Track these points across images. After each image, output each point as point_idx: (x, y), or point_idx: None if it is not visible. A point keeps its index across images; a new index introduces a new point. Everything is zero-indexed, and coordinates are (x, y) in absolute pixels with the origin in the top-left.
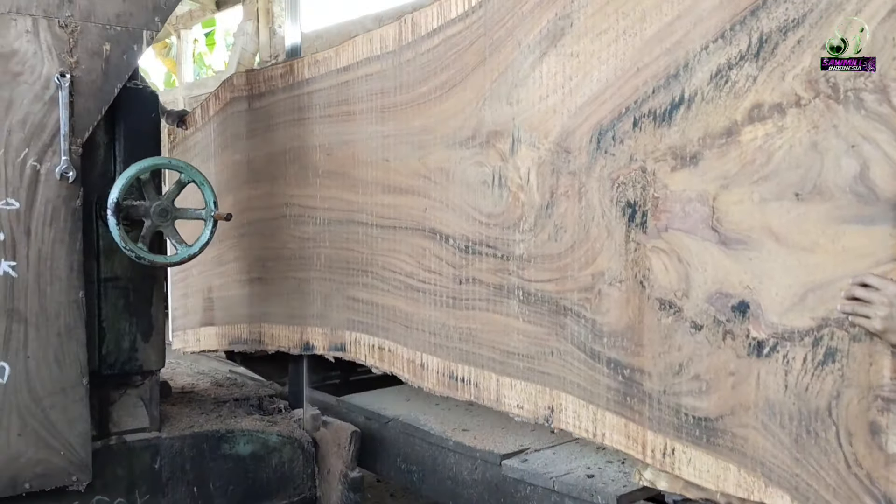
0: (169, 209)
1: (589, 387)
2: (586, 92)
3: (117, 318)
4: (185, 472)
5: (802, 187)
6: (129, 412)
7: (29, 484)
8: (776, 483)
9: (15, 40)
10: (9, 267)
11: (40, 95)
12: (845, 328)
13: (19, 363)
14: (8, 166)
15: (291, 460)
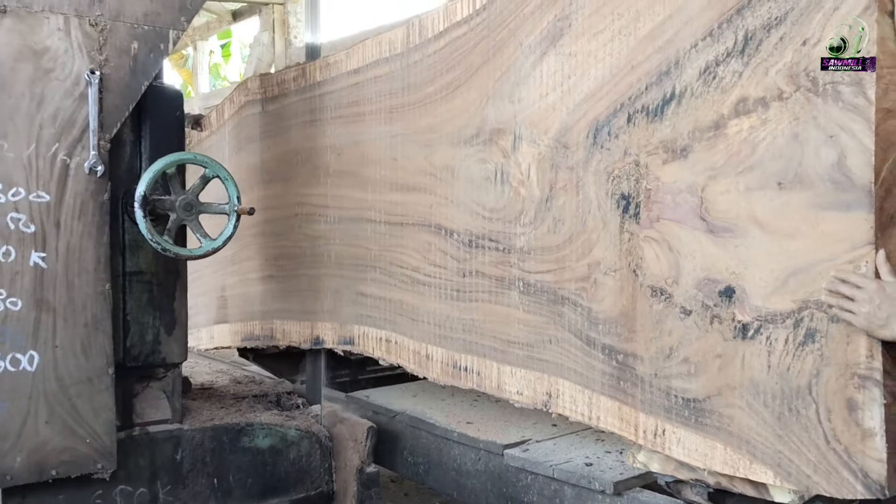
0: (194, 203)
1: (585, 372)
2: (584, 89)
3: (141, 311)
4: (206, 463)
5: (785, 176)
6: (152, 404)
7: (55, 471)
8: (760, 460)
9: (47, 38)
10: (39, 258)
11: (71, 91)
12: (824, 310)
13: (48, 352)
14: (39, 160)
15: (309, 454)
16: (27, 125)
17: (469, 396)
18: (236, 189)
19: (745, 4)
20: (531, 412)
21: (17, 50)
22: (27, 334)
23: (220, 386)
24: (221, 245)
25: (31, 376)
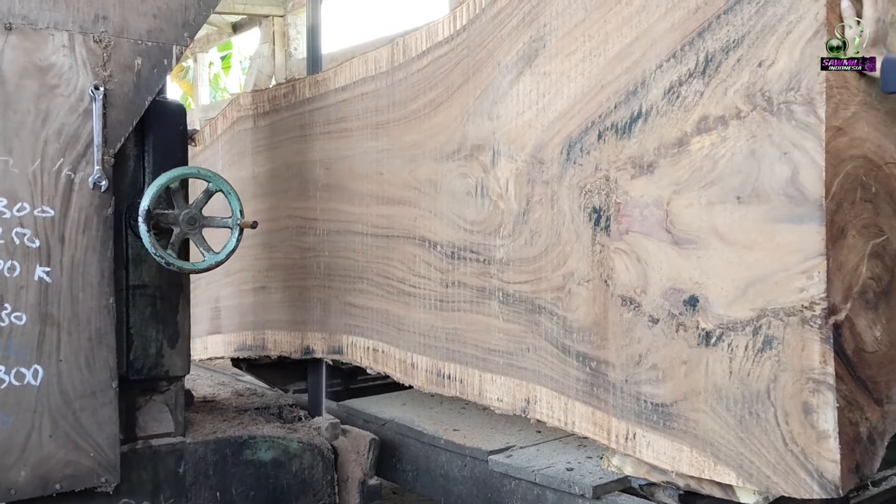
0: (197, 217)
1: (560, 379)
2: (557, 108)
3: (144, 324)
4: (209, 476)
5: (743, 191)
6: (155, 417)
7: (59, 485)
8: (723, 461)
9: (52, 54)
10: (43, 273)
11: (75, 107)
12: (780, 318)
13: (52, 366)
14: (44, 175)
15: (311, 467)
16: (32, 141)
17: (457, 405)
18: (239, 203)
19: (705, 27)
20: (517, 420)
21: (22, 66)
22: (31, 348)
23: (222, 398)
24: (225, 258)
25: (36, 390)
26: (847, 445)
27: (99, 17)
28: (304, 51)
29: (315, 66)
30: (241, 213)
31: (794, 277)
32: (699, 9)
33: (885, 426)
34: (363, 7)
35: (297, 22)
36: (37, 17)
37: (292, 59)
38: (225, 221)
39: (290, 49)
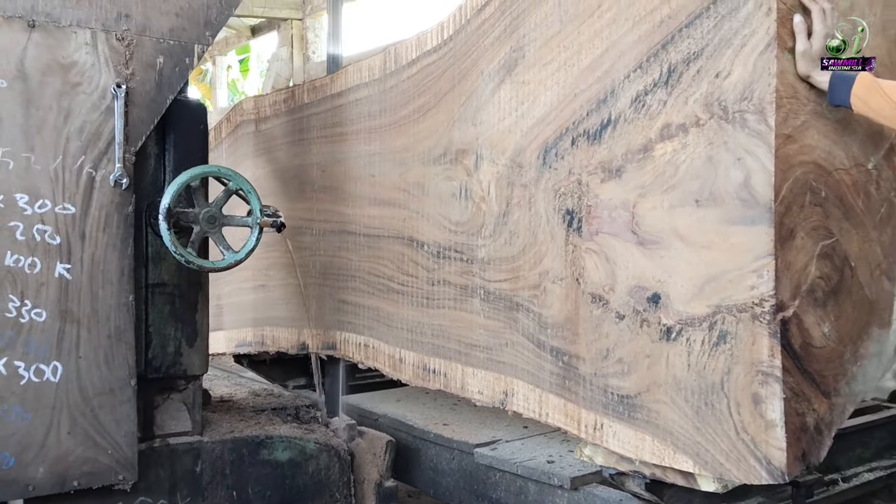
0: (217, 216)
1: (536, 372)
2: (535, 114)
3: (163, 323)
4: (225, 476)
5: (701, 194)
6: (173, 416)
7: (77, 482)
8: (682, 450)
9: (75, 52)
10: (64, 269)
11: (97, 105)
12: (733, 314)
13: (71, 363)
14: (65, 172)
15: (328, 468)
16: (54, 138)
17: (450, 401)
18: (259, 202)
19: (668, 40)
20: (507, 415)
21: (45, 64)
22: (51, 345)
23: (239, 398)
24: (244, 257)
25: (55, 387)
26: (793, 434)
27: (122, 15)
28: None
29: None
30: (261, 213)
31: (746, 276)
32: (663, 22)
33: (832, 417)
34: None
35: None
36: (60, 15)
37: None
38: (245, 220)
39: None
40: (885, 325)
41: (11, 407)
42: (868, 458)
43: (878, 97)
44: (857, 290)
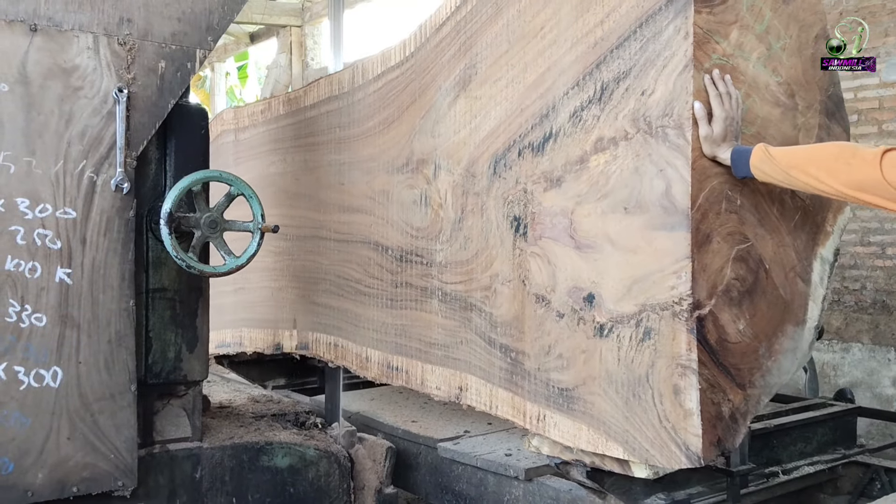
0: (218, 221)
1: (487, 368)
2: (486, 127)
3: (164, 328)
4: (225, 482)
5: (629, 202)
6: (172, 422)
7: (76, 487)
8: (613, 438)
9: (76, 56)
10: (64, 274)
11: (99, 109)
12: (656, 311)
13: (71, 368)
14: (67, 177)
15: (328, 474)
16: (55, 142)
17: (421, 400)
18: (261, 207)
19: (601, 60)
20: (473, 412)
21: (46, 68)
22: (51, 350)
23: (239, 404)
24: (245, 262)
25: (55, 392)
26: (709, 422)
27: (123, 19)
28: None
29: None
30: (263, 218)
31: (667, 277)
32: (597, 44)
33: (747, 407)
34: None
35: (314, 32)
36: (62, 19)
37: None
38: (246, 225)
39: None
40: (800, 323)
41: (11, 412)
42: (810, 452)
43: (770, 165)
44: (772, 290)
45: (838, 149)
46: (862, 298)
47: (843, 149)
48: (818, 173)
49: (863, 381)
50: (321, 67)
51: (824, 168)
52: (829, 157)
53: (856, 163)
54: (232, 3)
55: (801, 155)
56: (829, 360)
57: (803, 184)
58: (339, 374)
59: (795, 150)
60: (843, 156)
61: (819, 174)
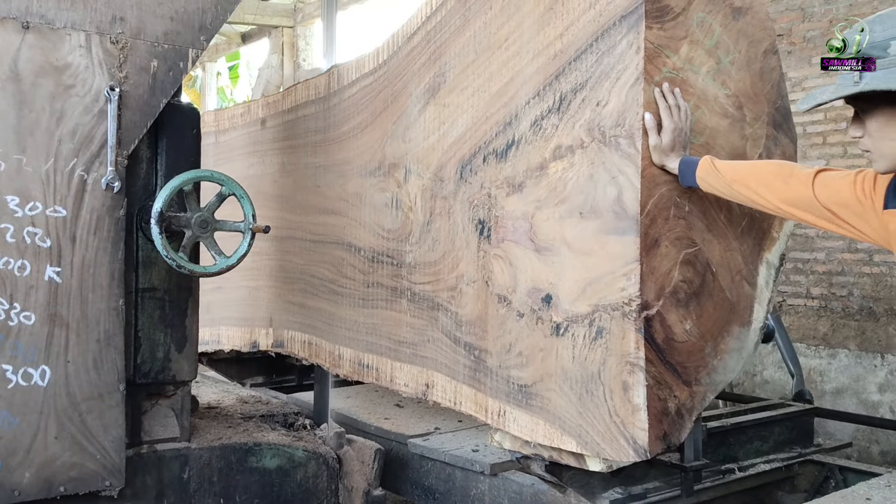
0: (209, 220)
1: (452, 366)
2: (454, 134)
3: (153, 328)
4: (213, 483)
5: (584, 208)
6: (160, 422)
7: (63, 487)
8: (567, 432)
9: (68, 54)
10: (54, 273)
11: (90, 108)
12: (608, 312)
13: (59, 367)
14: (57, 175)
15: (316, 476)
16: (46, 140)
17: (396, 398)
18: (252, 207)
19: (560, 72)
20: (447, 410)
21: (38, 66)
22: (40, 349)
23: (227, 405)
24: (236, 262)
25: (43, 391)
26: (655, 417)
27: (116, 18)
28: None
29: None
30: (254, 218)
31: (618, 279)
32: (556, 56)
33: (693, 404)
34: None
35: (306, 33)
36: (54, 17)
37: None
38: (237, 225)
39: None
40: (746, 323)
41: None
42: (766, 450)
43: (715, 177)
44: (719, 292)
45: (778, 167)
46: (849, 305)
47: (783, 167)
48: (758, 188)
49: (849, 386)
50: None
51: (764, 184)
52: (768, 174)
53: (792, 182)
54: (225, 3)
55: (743, 170)
56: (815, 365)
57: (744, 197)
58: (328, 377)
59: (739, 165)
60: (782, 174)
61: (759, 189)
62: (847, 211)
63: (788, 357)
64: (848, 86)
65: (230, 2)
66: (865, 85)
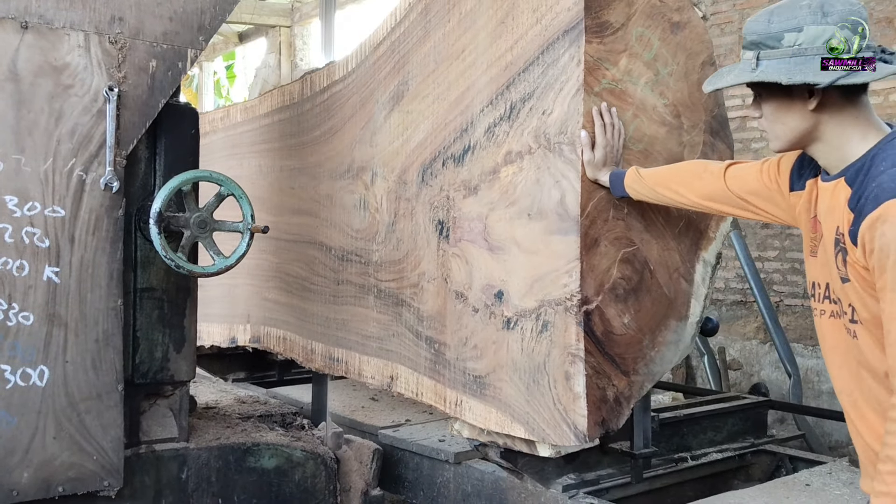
0: (208, 221)
1: (414, 358)
2: (416, 139)
3: (151, 328)
4: (211, 483)
5: (532, 209)
6: (159, 422)
7: (62, 487)
8: (517, 419)
9: (67, 54)
10: (52, 273)
11: (89, 108)
12: (552, 307)
13: (58, 367)
14: (56, 175)
15: (314, 476)
16: (45, 140)
17: (372, 392)
18: (251, 207)
19: (511, 82)
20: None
21: (37, 66)
22: (38, 349)
23: (225, 405)
24: (234, 263)
25: (41, 391)
26: (594, 405)
27: (115, 18)
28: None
29: None
30: (253, 218)
31: (561, 276)
32: (507, 67)
33: (631, 392)
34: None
35: (303, 33)
36: (53, 17)
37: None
38: (236, 226)
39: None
40: (683, 318)
41: None
42: (720, 441)
43: (640, 184)
44: (656, 289)
45: (693, 165)
46: None
47: (697, 165)
48: (678, 188)
49: None
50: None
51: (682, 184)
52: (685, 173)
53: (706, 177)
54: (224, 3)
55: (664, 173)
56: (812, 365)
57: (668, 199)
58: (326, 378)
59: (661, 170)
60: (696, 171)
61: (679, 189)
62: (757, 198)
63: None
64: (746, 72)
65: (229, 2)
66: (760, 73)
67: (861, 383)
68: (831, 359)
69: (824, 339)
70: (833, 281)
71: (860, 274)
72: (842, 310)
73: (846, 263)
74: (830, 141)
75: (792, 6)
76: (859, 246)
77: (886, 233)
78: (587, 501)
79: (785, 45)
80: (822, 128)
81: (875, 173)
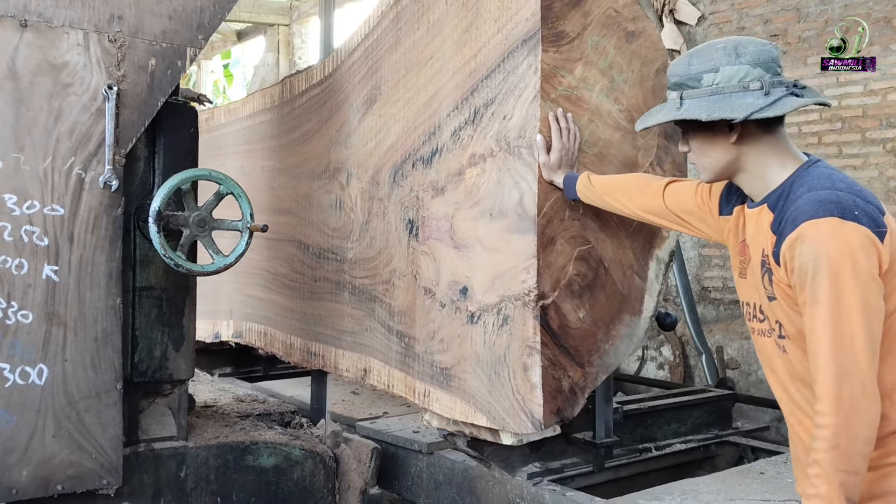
0: (207, 219)
1: (386, 352)
2: (388, 141)
3: (150, 327)
4: (210, 482)
5: (493, 210)
6: (158, 420)
7: (61, 486)
8: (479, 409)
9: (66, 53)
10: (51, 271)
11: (88, 106)
12: (512, 301)
13: (57, 366)
14: (55, 173)
15: (313, 474)
16: (44, 139)
17: (353, 386)
18: (250, 206)
19: (475, 88)
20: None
21: (36, 64)
22: (37, 348)
23: (224, 404)
24: (234, 261)
25: (40, 390)
26: (550, 394)
27: (114, 16)
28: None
29: None
30: (252, 217)
31: (519, 272)
32: (471, 74)
33: (586, 383)
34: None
35: (302, 31)
36: (52, 15)
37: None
38: (235, 224)
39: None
40: (636, 313)
41: None
42: (684, 432)
43: (590, 190)
44: (611, 285)
45: (637, 179)
46: None
47: (640, 179)
48: (622, 199)
49: None
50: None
51: (626, 195)
52: (629, 186)
53: (647, 192)
54: (223, 1)
55: (611, 184)
56: None
57: (614, 208)
58: (326, 376)
59: (609, 179)
60: (640, 185)
61: (622, 199)
62: (692, 217)
63: None
64: (672, 111)
65: (228, 0)
66: (683, 112)
67: (796, 393)
68: (768, 372)
69: (761, 354)
70: (761, 300)
71: (785, 292)
72: (770, 327)
73: (772, 283)
74: (752, 171)
75: (709, 49)
76: (782, 265)
77: (805, 252)
78: (550, 488)
79: (704, 85)
80: (743, 159)
81: (793, 198)
